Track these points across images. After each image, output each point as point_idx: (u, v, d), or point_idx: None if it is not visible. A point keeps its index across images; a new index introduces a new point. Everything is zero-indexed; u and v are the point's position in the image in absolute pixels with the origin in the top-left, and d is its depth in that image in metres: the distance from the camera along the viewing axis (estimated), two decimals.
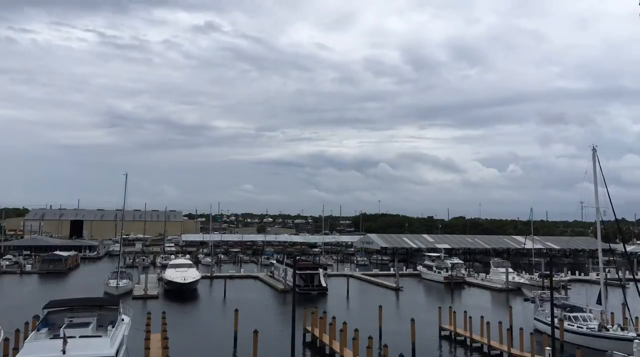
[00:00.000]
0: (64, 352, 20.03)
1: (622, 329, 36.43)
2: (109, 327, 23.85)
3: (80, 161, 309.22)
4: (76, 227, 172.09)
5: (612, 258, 52.79)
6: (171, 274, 62.09)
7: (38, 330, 23.81)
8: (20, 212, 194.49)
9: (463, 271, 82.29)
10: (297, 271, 53.32)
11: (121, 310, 27.77)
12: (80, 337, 22.00)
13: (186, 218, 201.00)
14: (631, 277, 53.55)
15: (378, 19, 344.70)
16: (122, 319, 27.19)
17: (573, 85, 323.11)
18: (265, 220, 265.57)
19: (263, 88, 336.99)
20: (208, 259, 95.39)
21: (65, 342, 20.31)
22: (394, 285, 68.51)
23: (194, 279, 60.95)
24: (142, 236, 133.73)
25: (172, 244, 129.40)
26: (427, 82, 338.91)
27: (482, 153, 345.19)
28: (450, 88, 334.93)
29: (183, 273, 62.03)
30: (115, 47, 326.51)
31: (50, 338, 22.30)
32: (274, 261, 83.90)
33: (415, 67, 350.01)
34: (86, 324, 23.88)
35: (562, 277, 74.89)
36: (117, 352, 22.38)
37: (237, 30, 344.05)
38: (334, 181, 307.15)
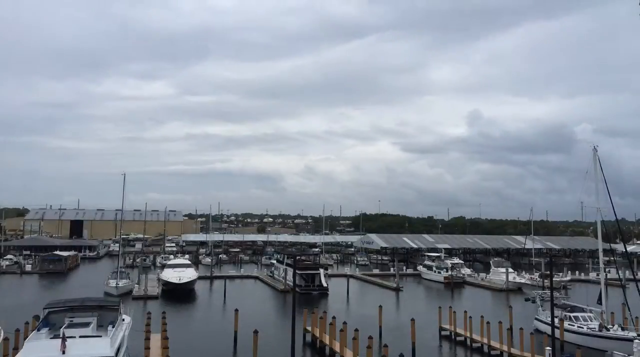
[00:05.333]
0: (63, 352, 19.98)
1: (623, 329, 36.41)
2: (109, 328, 23.80)
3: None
4: (76, 227, 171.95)
5: (612, 258, 52.66)
6: (168, 274, 62.22)
7: (38, 330, 23.78)
8: (20, 212, 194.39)
9: (465, 270, 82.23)
10: (297, 271, 53.38)
11: (122, 310, 27.72)
12: (80, 337, 21.95)
13: (186, 218, 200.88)
14: (631, 277, 53.51)
15: None
16: (123, 319, 27.16)
17: None
18: (265, 220, 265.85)
19: None
20: (208, 259, 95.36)
21: (64, 343, 20.25)
22: (394, 285, 68.47)
23: (189, 279, 60.93)
24: (142, 236, 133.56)
25: (172, 244, 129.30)
26: None
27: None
28: None
29: (179, 273, 62.12)
30: None
31: (51, 338, 22.25)
32: (274, 261, 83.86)
33: None
34: (86, 324, 23.82)
35: (562, 277, 74.85)
36: (117, 352, 22.33)
37: None
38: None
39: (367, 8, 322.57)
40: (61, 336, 21.00)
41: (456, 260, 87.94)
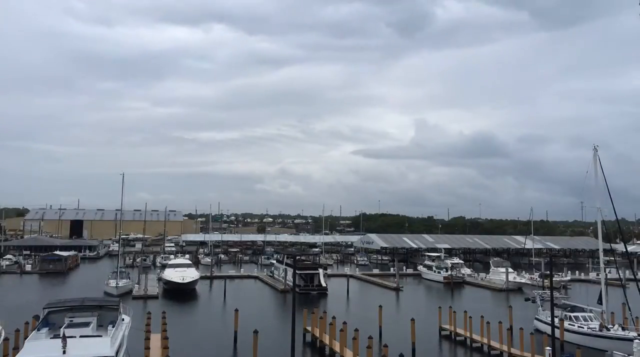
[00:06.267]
0: (64, 352, 19.97)
1: (623, 329, 36.41)
2: (109, 327, 23.79)
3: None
4: (76, 227, 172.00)
5: (612, 258, 52.68)
6: (170, 274, 62.28)
7: (38, 330, 23.77)
8: (20, 212, 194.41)
9: (465, 270, 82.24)
10: (297, 271, 53.37)
11: (121, 310, 27.70)
12: (80, 337, 21.93)
13: (186, 218, 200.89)
14: (632, 277, 53.50)
15: None
16: (123, 319, 27.14)
17: None
18: (265, 220, 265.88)
19: None
20: (208, 259, 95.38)
21: (64, 342, 20.24)
22: (394, 285, 68.49)
23: (192, 279, 61.11)
24: (142, 235, 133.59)
25: (172, 244, 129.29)
26: None
27: None
28: None
29: (182, 273, 62.22)
30: None
31: (51, 338, 22.23)
32: (274, 261, 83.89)
33: None
34: (86, 324, 23.80)
35: (562, 277, 74.87)
36: (117, 352, 22.30)
37: None
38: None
39: (282, 44, 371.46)
40: (61, 335, 20.98)
41: (456, 260, 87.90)
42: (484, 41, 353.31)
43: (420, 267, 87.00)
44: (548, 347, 28.51)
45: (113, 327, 23.91)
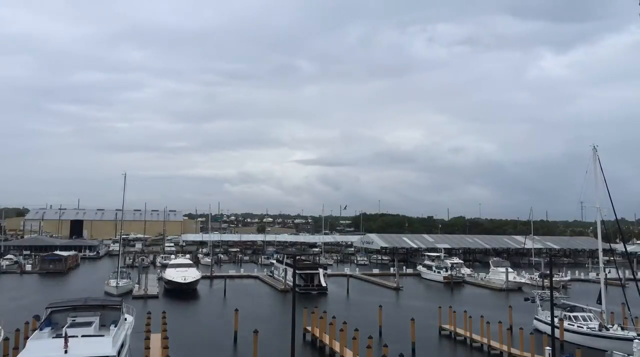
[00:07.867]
0: (65, 352, 19.96)
1: (622, 329, 36.46)
2: (112, 327, 23.79)
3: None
4: (76, 227, 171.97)
5: (612, 258, 52.68)
6: (171, 274, 62.29)
7: (41, 329, 23.77)
8: (20, 212, 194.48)
9: (465, 270, 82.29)
10: (297, 271, 53.43)
11: (124, 310, 27.73)
12: (82, 336, 21.95)
13: (186, 218, 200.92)
14: (631, 277, 53.52)
15: None
16: (125, 319, 27.16)
17: None
18: (265, 220, 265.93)
19: None
20: (207, 259, 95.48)
21: (66, 342, 20.24)
22: (394, 285, 68.54)
23: (194, 279, 61.17)
24: (142, 235, 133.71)
25: (172, 244, 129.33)
26: None
27: None
28: None
29: (183, 273, 62.25)
30: None
31: (53, 337, 22.25)
32: (274, 261, 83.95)
33: None
34: (89, 324, 23.81)
35: (562, 277, 74.92)
36: (119, 352, 22.29)
37: None
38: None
39: (191, 84, 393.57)
40: (63, 335, 20.98)
41: (456, 260, 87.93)
42: (351, 82, 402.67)
43: (420, 267, 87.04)
44: (548, 347, 28.54)
45: (115, 327, 23.91)
